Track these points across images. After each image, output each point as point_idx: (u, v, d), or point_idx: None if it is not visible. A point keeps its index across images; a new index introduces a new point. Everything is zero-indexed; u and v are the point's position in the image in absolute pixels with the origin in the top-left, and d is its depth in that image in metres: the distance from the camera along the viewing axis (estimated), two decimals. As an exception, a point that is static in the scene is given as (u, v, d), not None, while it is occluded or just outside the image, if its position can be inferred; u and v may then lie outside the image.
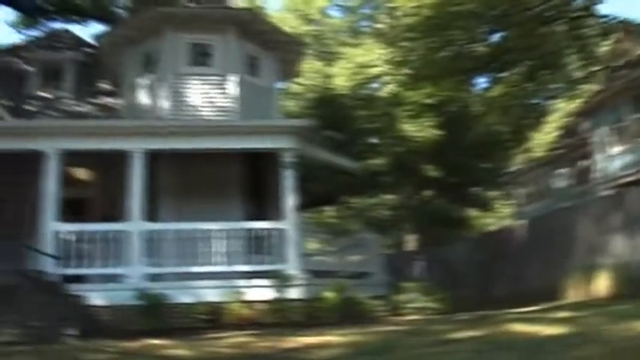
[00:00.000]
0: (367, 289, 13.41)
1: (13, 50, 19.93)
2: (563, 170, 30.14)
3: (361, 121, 13.04)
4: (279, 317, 11.55)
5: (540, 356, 5.57)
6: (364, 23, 36.43)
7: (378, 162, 12.03)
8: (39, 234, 12.31)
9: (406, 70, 23.73)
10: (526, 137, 27.20)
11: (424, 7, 21.00)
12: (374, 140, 13.10)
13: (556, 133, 27.78)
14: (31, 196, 14.05)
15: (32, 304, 10.58)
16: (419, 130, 15.80)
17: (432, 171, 18.29)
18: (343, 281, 12.77)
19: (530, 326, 7.86)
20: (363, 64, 27.94)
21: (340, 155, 13.04)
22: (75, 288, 11.61)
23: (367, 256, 15.45)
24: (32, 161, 12.87)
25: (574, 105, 27.21)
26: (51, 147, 12.45)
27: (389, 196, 12.54)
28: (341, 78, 27.95)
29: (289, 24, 31.70)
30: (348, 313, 11.87)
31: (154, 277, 12.24)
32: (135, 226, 12.24)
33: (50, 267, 11.77)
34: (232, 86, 14.78)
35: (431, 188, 20.44)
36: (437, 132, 17.79)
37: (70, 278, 11.85)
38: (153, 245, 12.24)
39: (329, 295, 12.03)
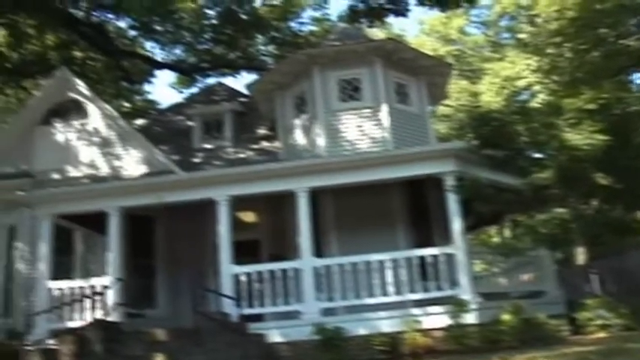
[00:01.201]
0: (543, 308, 12.75)
1: (175, 109, 21.50)
2: None
3: (520, 135, 12.63)
4: (457, 344, 11.28)
5: None
6: (505, 35, 35.64)
7: (542, 176, 11.52)
8: (218, 276, 12.97)
9: (557, 77, 22.80)
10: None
11: (567, 10, 20.18)
12: (536, 154, 12.63)
13: None
14: (209, 241, 14.93)
15: (219, 344, 11.14)
16: (582, 137, 15.06)
17: (600, 178, 17.33)
18: (519, 302, 12.27)
19: None
20: (510, 76, 27.22)
21: (502, 173, 12.68)
22: (254, 327, 12.06)
23: (539, 273, 14.79)
24: (206, 208, 13.66)
25: None
26: (221, 194, 13.09)
27: (557, 210, 11.99)
28: (489, 94, 27.40)
29: (429, 47, 31.73)
30: (528, 335, 11.37)
31: (328, 312, 12.42)
32: (307, 262, 12.50)
33: (230, 308, 12.30)
34: (384, 116, 14.92)
35: (600, 196, 19.34)
36: (602, 137, 16.88)
37: (248, 317, 12.33)
38: (325, 280, 12.46)
39: (507, 317, 11.59)
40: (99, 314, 12.65)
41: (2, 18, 21.88)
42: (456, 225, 12.39)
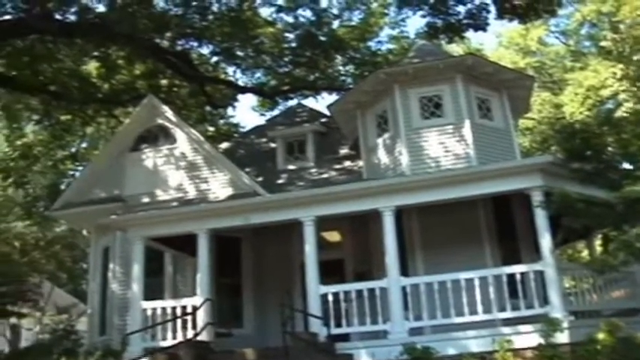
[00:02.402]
0: (640, 326, 12.25)
1: (258, 131, 21.97)
2: None
3: (608, 146, 12.19)
4: (550, 364, 10.98)
5: None
6: (586, 44, 34.75)
7: (635, 188, 11.08)
8: (305, 296, 13.12)
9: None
10: None
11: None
12: (627, 165, 12.15)
13: None
14: (295, 260, 15.13)
15: (307, 365, 11.27)
16: (678, 146, 14.40)
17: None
18: (616, 320, 11.80)
19: None
20: (594, 86, 26.47)
21: (591, 186, 12.28)
22: (341, 346, 12.12)
23: (633, 290, 14.20)
24: (292, 228, 13.86)
25: None
26: (307, 215, 13.24)
27: (654, 223, 11.48)
28: (572, 105, 26.69)
29: (508, 60, 31.25)
30: (626, 356, 10.89)
31: (416, 331, 12.32)
32: (394, 281, 12.44)
33: (318, 327, 12.40)
34: (467, 132, 14.76)
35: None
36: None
37: (335, 337, 12.38)
38: (412, 299, 12.39)
39: (602, 336, 11.17)
40: (190, 334, 13.00)
41: (96, 51, 23.04)
42: (545, 241, 12.08)
